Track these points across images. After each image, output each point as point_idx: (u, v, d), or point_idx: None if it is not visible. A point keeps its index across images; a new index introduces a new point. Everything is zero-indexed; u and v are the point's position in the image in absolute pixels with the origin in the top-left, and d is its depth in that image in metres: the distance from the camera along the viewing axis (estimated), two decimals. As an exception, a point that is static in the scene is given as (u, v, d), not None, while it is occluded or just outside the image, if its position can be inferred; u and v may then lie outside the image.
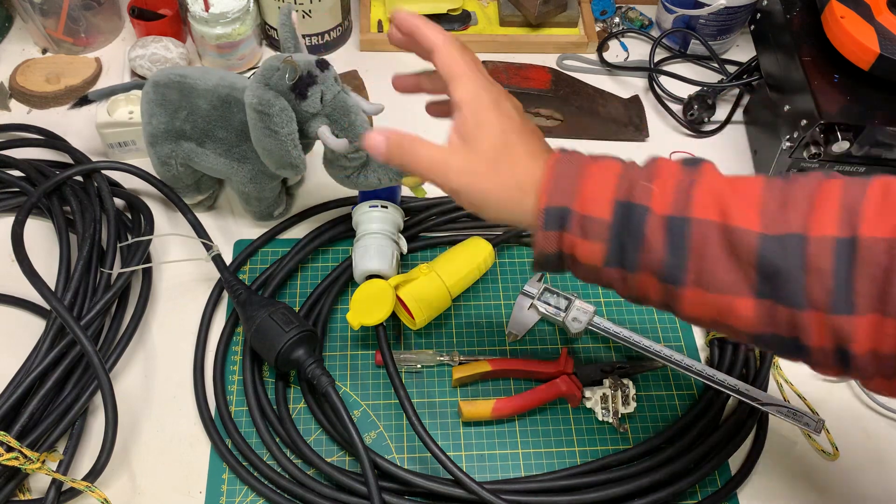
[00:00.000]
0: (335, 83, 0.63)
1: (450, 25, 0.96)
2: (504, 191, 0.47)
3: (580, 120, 0.85)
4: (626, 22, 1.00)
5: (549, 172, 0.47)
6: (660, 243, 0.44)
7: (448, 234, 0.78)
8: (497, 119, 0.48)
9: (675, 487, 0.62)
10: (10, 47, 0.93)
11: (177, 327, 0.71)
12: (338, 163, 0.65)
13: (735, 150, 0.88)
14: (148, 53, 0.85)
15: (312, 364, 0.62)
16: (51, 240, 0.75)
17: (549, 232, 0.46)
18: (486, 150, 0.47)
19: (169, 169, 0.71)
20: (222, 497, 0.62)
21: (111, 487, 0.62)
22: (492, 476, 0.64)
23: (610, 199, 0.45)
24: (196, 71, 0.68)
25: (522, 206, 0.47)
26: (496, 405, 0.65)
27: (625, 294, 0.48)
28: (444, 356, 0.69)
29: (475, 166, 0.47)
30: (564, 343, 0.72)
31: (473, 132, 0.48)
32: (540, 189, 0.46)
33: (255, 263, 0.75)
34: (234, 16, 0.84)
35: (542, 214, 0.46)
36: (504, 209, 0.47)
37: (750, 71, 0.90)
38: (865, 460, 0.66)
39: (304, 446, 0.63)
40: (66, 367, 0.62)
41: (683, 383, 0.70)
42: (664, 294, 0.45)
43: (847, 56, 0.74)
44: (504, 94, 0.50)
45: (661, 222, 0.44)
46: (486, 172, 0.47)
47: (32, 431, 0.59)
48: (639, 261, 0.45)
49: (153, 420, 0.66)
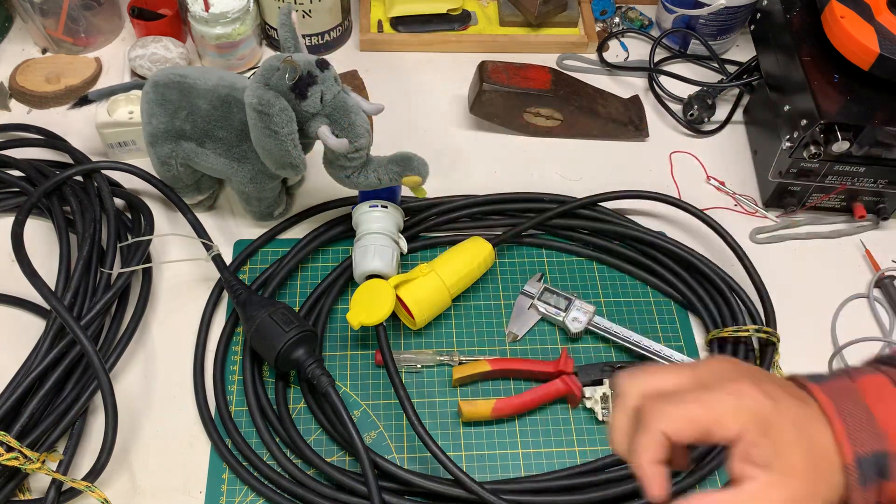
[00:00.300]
0: (335, 83, 0.63)
1: (450, 25, 0.96)
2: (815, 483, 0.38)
3: (580, 120, 0.85)
4: (626, 22, 1.00)
5: (835, 416, 0.39)
6: None
7: (448, 234, 0.78)
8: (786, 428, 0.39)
9: (676, 487, 0.62)
10: (10, 47, 0.93)
11: (177, 327, 0.71)
12: (338, 163, 0.65)
13: (735, 150, 0.88)
14: (148, 53, 0.85)
15: (312, 364, 0.62)
16: (51, 240, 0.75)
17: (869, 488, 0.38)
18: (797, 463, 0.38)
19: (169, 169, 0.71)
20: (222, 497, 0.62)
21: (111, 487, 0.62)
22: (492, 476, 0.64)
23: None
24: (196, 71, 0.68)
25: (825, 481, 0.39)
26: (496, 405, 0.65)
27: None
28: (444, 356, 0.69)
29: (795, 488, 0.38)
30: (564, 343, 0.72)
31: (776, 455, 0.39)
32: (837, 439, 0.39)
33: (255, 263, 0.75)
34: (234, 16, 0.84)
35: (855, 469, 0.38)
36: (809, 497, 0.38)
37: (750, 71, 0.90)
38: (865, 460, 0.66)
39: (304, 446, 0.63)
40: (66, 367, 0.62)
41: (683, 383, 0.70)
42: None
43: (847, 56, 0.74)
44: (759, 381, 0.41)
45: None
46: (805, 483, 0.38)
47: (32, 431, 0.59)
48: None
49: (153, 420, 0.66)
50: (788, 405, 0.40)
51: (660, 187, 0.82)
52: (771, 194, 0.81)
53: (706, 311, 0.73)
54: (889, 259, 0.78)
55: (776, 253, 0.79)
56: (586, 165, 0.85)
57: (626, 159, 0.86)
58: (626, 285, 0.76)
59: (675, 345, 0.72)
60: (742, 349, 0.70)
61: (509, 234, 0.76)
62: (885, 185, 0.78)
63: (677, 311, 0.74)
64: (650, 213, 0.81)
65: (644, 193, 0.78)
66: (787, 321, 0.73)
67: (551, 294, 0.72)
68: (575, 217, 0.78)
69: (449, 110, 0.90)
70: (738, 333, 0.69)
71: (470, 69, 0.87)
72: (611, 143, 0.88)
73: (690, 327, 0.73)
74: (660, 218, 0.81)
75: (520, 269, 0.76)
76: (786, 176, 0.78)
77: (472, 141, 0.87)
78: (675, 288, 0.75)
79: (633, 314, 0.74)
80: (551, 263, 0.77)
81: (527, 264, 0.77)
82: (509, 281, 0.76)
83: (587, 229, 0.78)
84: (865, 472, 0.38)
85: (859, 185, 0.78)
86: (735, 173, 0.85)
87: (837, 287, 0.77)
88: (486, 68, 0.83)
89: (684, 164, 0.86)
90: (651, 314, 0.74)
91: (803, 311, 0.75)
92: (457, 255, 0.72)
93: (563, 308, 0.71)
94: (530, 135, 0.88)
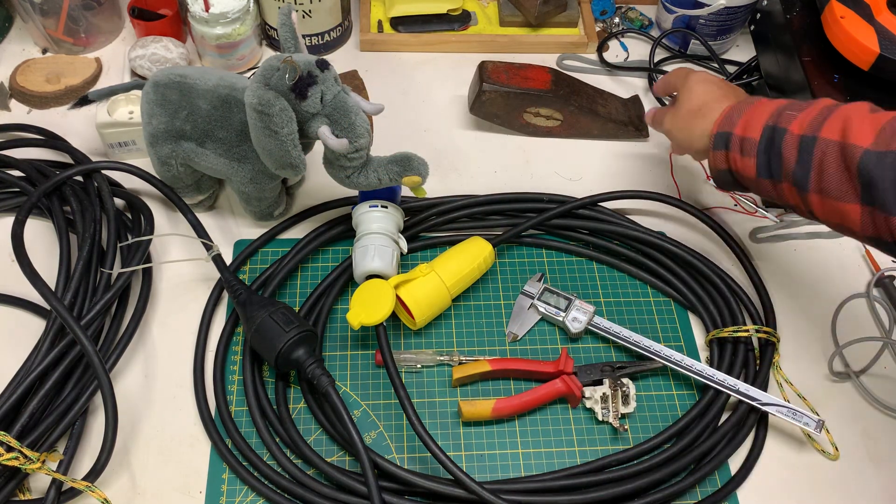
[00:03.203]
0: (335, 83, 0.63)
1: (450, 25, 0.96)
2: (691, 131, 0.67)
3: (580, 120, 0.85)
4: (626, 22, 1.00)
5: (726, 110, 0.64)
6: (792, 157, 0.58)
7: (448, 234, 0.78)
8: (701, 91, 0.68)
9: (675, 487, 0.62)
10: (10, 47, 0.93)
11: (177, 327, 0.71)
12: (338, 163, 0.65)
13: (735, 150, 0.88)
14: (148, 53, 0.85)
15: (312, 364, 0.62)
16: (51, 240, 0.75)
17: (717, 152, 0.64)
18: (689, 108, 0.68)
19: (169, 169, 0.71)
20: (222, 497, 0.62)
21: (111, 487, 0.62)
22: (492, 476, 0.64)
23: (762, 124, 0.60)
24: (196, 71, 0.68)
25: (702, 139, 0.66)
26: (496, 405, 0.65)
27: (780, 201, 0.62)
28: (444, 356, 0.69)
29: (681, 119, 0.69)
30: (564, 343, 0.72)
31: (683, 100, 0.69)
32: (714, 123, 0.64)
33: (255, 263, 0.75)
34: (234, 16, 0.84)
35: (711, 138, 0.64)
36: (688, 140, 0.68)
37: (750, 71, 0.90)
38: (865, 460, 0.66)
39: (304, 446, 0.63)
40: (66, 367, 0.62)
41: (683, 383, 0.70)
42: (800, 200, 0.58)
43: (847, 56, 0.74)
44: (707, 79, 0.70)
45: (795, 140, 0.58)
46: (686, 121, 0.68)
47: (32, 431, 0.59)
48: (781, 171, 0.59)
49: (153, 420, 0.66)
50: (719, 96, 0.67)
51: (660, 187, 0.82)
52: (771, 194, 0.81)
53: (706, 311, 0.73)
54: (889, 259, 0.78)
55: (776, 253, 0.79)
56: (586, 165, 0.85)
57: (626, 159, 0.86)
58: (626, 285, 0.76)
59: (675, 345, 0.72)
60: (742, 349, 0.70)
61: (509, 234, 0.76)
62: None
63: (677, 311, 0.74)
64: (650, 213, 0.81)
65: (644, 193, 0.78)
66: (787, 321, 0.73)
67: (551, 294, 0.72)
68: (575, 217, 0.78)
69: (449, 110, 0.90)
70: (738, 333, 0.69)
71: (470, 69, 0.87)
72: (611, 143, 0.88)
73: (690, 327, 0.73)
74: (660, 218, 0.81)
75: (520, 269, 0.76)
76: (786, 176, 0.78)
77: (472, 141, 0.87)
78: (675, 288, 0.75)
79: (633, 314, 0.74)
80: (551, 263, 0.77)
81: (527, 264, 0.77)
82: (509, 281, 0.76)
83: (587, 229, 0.78)
84: (716, 142, 0.64)
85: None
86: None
87: (837, 287, 0.77)
88: (486, 68, 0.83)
89: (684, 164, 0.86)
90: (651, 314, 0.74)
91: (803, 311, 0.75)
92: (457, 255, 0.72)
93: (563, 308, 0.71)
94: (530, 135, 0.88)
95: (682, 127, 0.68)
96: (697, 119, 0.67)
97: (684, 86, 0.70)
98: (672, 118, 0.70)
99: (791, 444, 0.67)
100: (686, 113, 0.68)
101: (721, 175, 0.65)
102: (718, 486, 0.64)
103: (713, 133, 0.64)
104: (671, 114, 0.71)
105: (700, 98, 0.68)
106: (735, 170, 0.63)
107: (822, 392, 0.70)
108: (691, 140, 0.68)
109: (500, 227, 0.78)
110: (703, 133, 0.66)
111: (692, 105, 0.68)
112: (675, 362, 0.67)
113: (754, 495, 0.64)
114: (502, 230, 0.77)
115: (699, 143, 0.67)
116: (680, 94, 0.71)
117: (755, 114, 0.61)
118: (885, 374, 0.71)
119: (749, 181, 0.62)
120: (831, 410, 0.68)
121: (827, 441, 0.66)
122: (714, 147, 0.64)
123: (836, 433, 0.67)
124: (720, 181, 0.66)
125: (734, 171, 0.63)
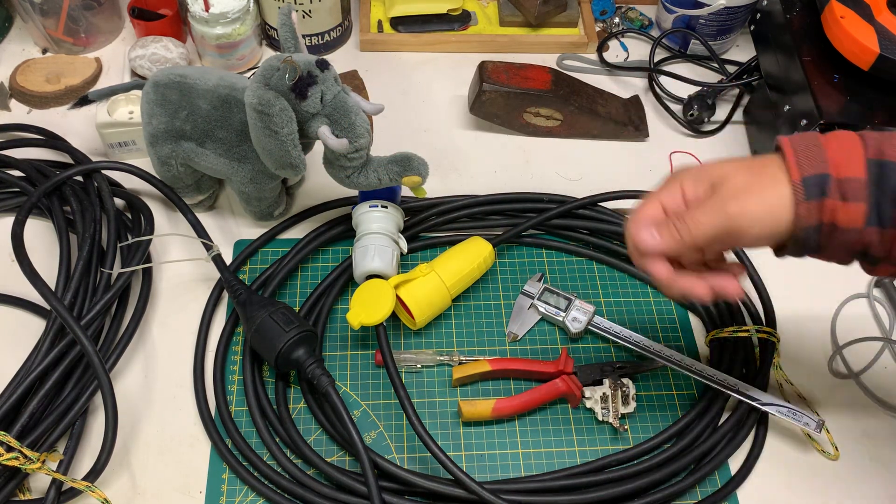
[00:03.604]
0: (335, 83, 0.63)
1: (450, 25, 0.96)
2: (748, 203, 0.49)
3: (580, 120, 0.85)
4: (626, 22, 1.00)
5: (789, 149, 0.49)
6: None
7: (448, 234, 0.78)
8: (720, 165, 0.52)
9: (675, 487, 0.62)
10: (10, 47, 0.93)
11: (177, 327, 0.71)
12: (338, 163, 0.65)
13: (735, 151, 0.88)
14: (148, 53, 0.85)
15: (312, 364, 0.62)
16: (51, 240, 0.75)
17: (811, 202, 0.47)
18: (734, 184, 0.50)
19: (169, 169, 0.71)
20: (222, 497, 0.62)
21: (111, 487, 0.62)
22: (492, 476, 0.64)
23: (861, 159, 0.47)
24: (196, 71, 0.68)
25: (773, 193, 0.48)
26: (496, 405, 0.65)
27: (881, 253, 0.49)
28: (444, 356, 0.69)
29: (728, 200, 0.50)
30: (564, 343, 0.72)
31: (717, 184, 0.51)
32: (788, 165, 0.48)
33: (255, 263, 0.75)
34: (234, 16, 0.84)
35: (800, 186, 0.48)
36: (747, 218, 0.49)
37: (750, 71, 0.90)
38: (865, 460, 0.66)
39: (304, 446, 0.63)
40: (66, 367, 0.62)
41: (683, 383, 0.70)
42: None
43: (847, 56, 0.74)
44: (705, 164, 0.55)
45: None
46: (736, 198, 0.50)
47: (32, 431, 0.59)
48: (894, 215, 0.47)
49: (153, 420, 0.66)
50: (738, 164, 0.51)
51: (660, 187, 0.82)
52: (771, 194, 0.80)
53: (706, 310, 0.73)
54: (889, 259, 0.78)
55: (776, 253, 0.79)
56: (586, 165, 0.85)
57: (626, 159, 0.86)
58: (626, 285, 0.76)
59: (675, 345, 0.72)
60: (742, 349, 0.69)
61: (509, 234, 0.76)
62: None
63: (677, 310, 0.74)
64: (650, 213, 0.81)
65: (644, 193, 0.78)
66: (787, 321, 0.73)
67: (551, 294, 0.72)
68: (575, 217, 0.78)
69: (449, 110, 0.90)
70: (738, 333, 0.69)
71: (470, 69, 0.87)
72: (611, 143, 0.88)
73: (690, 327, 0.73)
74: (660, 218, 0.81)
75: (520, 269, 0.76)
76: (786, 176, 0.78)
77: (472, 141, 0.87)
78: (675, 288, 0.75)
79: (633, 314, 0.74)
80: (551, 263, 0.77)
81: (527, 264, 0.77)
82: (509, 281, 0.76)
83: (587, 229, 0.78)
84: (808, 189, 0.47)
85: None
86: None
87: (837, 287, 0.77)
88: (486, 68, 0.83)
89: (684, 165, 0.86)
90: (651, 314, 0.74)
91: (803, 311, 0.75)
92: (457, 255, 0.72)
93: (563, 308, 0.71)
94: (530, 135, 0.88)
95: (737, 212, 0.49)
96: (752, 185, 0.49)
97: (691, 179, 0.53)
98: (712, 209, 0.50)
99: (791, 444, 0.67)
100: (731, 192, 0.49)
101: (806, 235, 0.49)
102: (718, 486, 0.64)
103: (798, 180, 0.48)
104: (707, 208, 0.50)
105: (726, 167, 0.51)
106: (832, 222, 0.48)
107: (822, 392, 0.70)
108: (755, 215, 0.49)
109: (500, 227, 0.78)
110: (774, 195, 0.48)
111: (726, 177, 0.50)
112: (675, 362, 0.67)
113: (754, 495, 0.64)
114: (502, 230, 0.77)
115: (766, 216, 0.49)
116: (695, 186, 0.53)
117: (839, 147, 0.48)
118: (885, 374, 0.71)
119: (848, 235, 0.48)
120: (831, 410, 0.68)
121: (827, 441, 0.66)
122: (807, 197, 0.47)
123: (836, 433, 0.67)
124: (799, 245, 0.50)
125: (831, 223, 0.48)
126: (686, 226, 0.51)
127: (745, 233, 0.49)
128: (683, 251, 0.52)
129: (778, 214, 0.48)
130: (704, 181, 0.52)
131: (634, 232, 0.53)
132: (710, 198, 0.51)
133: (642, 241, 0.52)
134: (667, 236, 0.52)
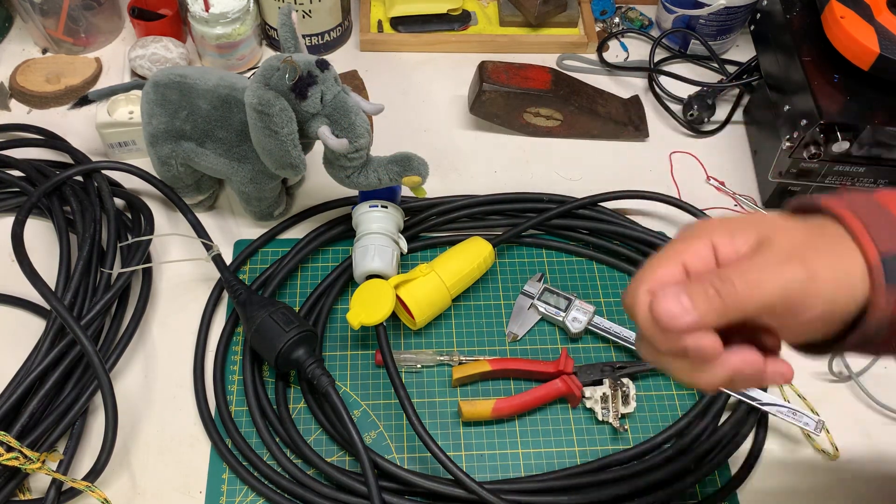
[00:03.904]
0: (335, 83, 0.63)
1: (450, 25, 0.96)
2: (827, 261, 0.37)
3: (580, 120, 0.85)
4: (626, 22, 1.00)
5: (852, 218, 0.38)
6: None
7: (448, 234, 0.78)
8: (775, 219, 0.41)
9: (675, 487, 0.62)
10: (10, 47, 0.93)
11: (177, 327, 0.71)
12: (338, 163, 0.65)
13: (735, 151, 0.88)
14: (148, 53, 0.85)
15: (312, 364, 0.62)
16: (51, 240, 0.75)
17: (891, 287, 0.36)
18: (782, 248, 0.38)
19: (169, 169, 0.71)
20: (222, 497, 0.62)
21: (111, 487, 0.62)
22: (492, 476, 0.64)
23: None
24: (196, 71, 0.68)
25: (849, 262, 0.37)
26: (496, 405, 0.65)
27: None
28: (444, 356, 0.69)
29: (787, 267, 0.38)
30: (564, 343, 0.72)
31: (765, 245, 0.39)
32: (854, 234, 0.37)
33: (255, 263, 0.75)
34: (234, 16, 0.84)
35: (879, 268, 0.36)
36: (829, 274, 0.37)
37: (750, 71, 0.90)
38: (865, 460, 0.66)
39: (304, 446, 0.63)
40: (66, 367, 0.62)
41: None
42: None
43: (847, 56, 0.74)
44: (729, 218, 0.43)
45: None
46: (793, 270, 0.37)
47: (32, 431, 0.59)
48: None
49: (153, 420, 0.66)
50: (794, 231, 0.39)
51: (660, 187, 0.82)
52: (771, 194, 0.81)
53: (706, 311, 0.73)
54: (889, 259, 0.78)
55: (776, 253, 0.79)
56: (586, 165, 0.85)
57: (626, 159, 0.86)
58: (625, 285, 0.76)
59: (675, 345, 0.72)
60: (742, 349, 0.69)
61: (509, 234, 0.76)
62: (886, 186, 0.78)
63: (677, 311, 0.74)
64: (650, 213, 0.81)
65: (644, 193, 0.78)
66: (787, 321, 0.73)
67: (551, 294, 0.72)
68: (575, 217, 0.78)
69: (449, 110, 0.90)
70: (738, 333, 0.69)
71: (470, 69, 0.87)
72: (611, 143, 0.88)
73: (690, 327, 0.73)
74: (660, 218, 0.81)
75: (520, 269, 0.76)
76: (786, 176, 0.78)
77: (472, 141, 0.87)
78: (675, 288, 0.74)
79: (633, 314, 0.74)
80: (551, 263, 0.77)
81: (527, 264, 0.77)
82: (509, 281, 0.76)
83: (587, 229, 0.78)
84: (891, 270, 0.36)
85: (859, 186, 0.78)
86: (735, 173, 0.85)
87: (837, 287, 0.76)
88: (486, 68, 0.83)
89: (684, 165, 0.86)
90: (651, 314, 0.74)
91: (803, 311, 0.75)
92: (457, 255, 0.72)
93: (563, 308, 0.71)
94: (530, 135, 0.88)
95: (806, 276, 0.37)
96: (820, 245, 0.38)
97: (727, 231, 0.40)
98: (774, 265, 0.37)
99: (791, 444, 0.67)
100: (792, 247, 0.38)
101: (879, 329, 0.37)
102: (718, 486, 0.64)
103: (877, 262, 0.36)
104: (763, 264, 0.38)
105: (776, 219, 0.40)
106: None
107: (822, 392, 0.70)
108: (826, 286, 0.37)
109: (500, 227, 0.78)
110: (847, 264, 0.37)
111: (779, 229, 0.39)
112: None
113: (754, 495, 0.64)
114: (502, 230, 0.77)
115: (839, 289, 0.37)
116: (734, 240, 0.40)
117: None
118: (885, 374, 0.71)
119: None
120: (831, 410, 0.68)
121: (827, 441, 0.66)
122: (888, 280, 0.36)
123: (836, 433, 0.67)
124: (870, 337, 0.38)
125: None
126: (733, 288, 0.37)
127: (809, 304, 0.37)
128: (722, 325, 0.38)
129: (849, 293, 0.37)
130: (749, 233, 0.39)
131: (653, 302, 0.38)
132: (759, 254, 0.38)
133: (666, 311, 0.37)
134: (702, 303, 0.37)
